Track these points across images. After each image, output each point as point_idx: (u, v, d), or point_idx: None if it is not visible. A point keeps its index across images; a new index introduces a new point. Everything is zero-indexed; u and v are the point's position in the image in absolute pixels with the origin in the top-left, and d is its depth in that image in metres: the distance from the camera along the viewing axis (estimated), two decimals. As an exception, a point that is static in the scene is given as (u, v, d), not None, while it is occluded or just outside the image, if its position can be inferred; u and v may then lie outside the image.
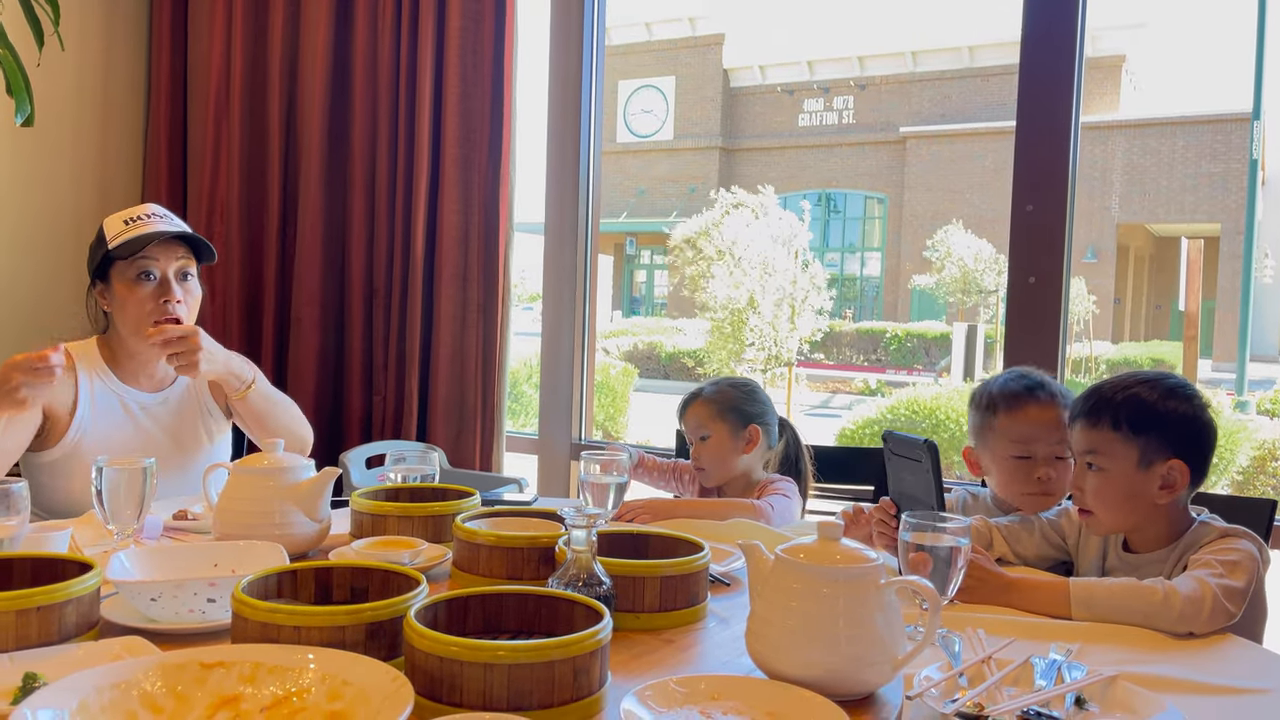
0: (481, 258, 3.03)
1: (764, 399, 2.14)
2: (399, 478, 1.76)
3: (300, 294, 3.21)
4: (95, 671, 0.89)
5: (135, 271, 1.90)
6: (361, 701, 0.89)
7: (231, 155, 3.28)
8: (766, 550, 1.10)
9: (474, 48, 2.99)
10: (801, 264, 13.87)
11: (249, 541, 1.33)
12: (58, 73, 3.19)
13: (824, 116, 21.88)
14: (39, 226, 3.28)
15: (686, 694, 0.97)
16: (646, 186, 22.54)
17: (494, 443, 3.06)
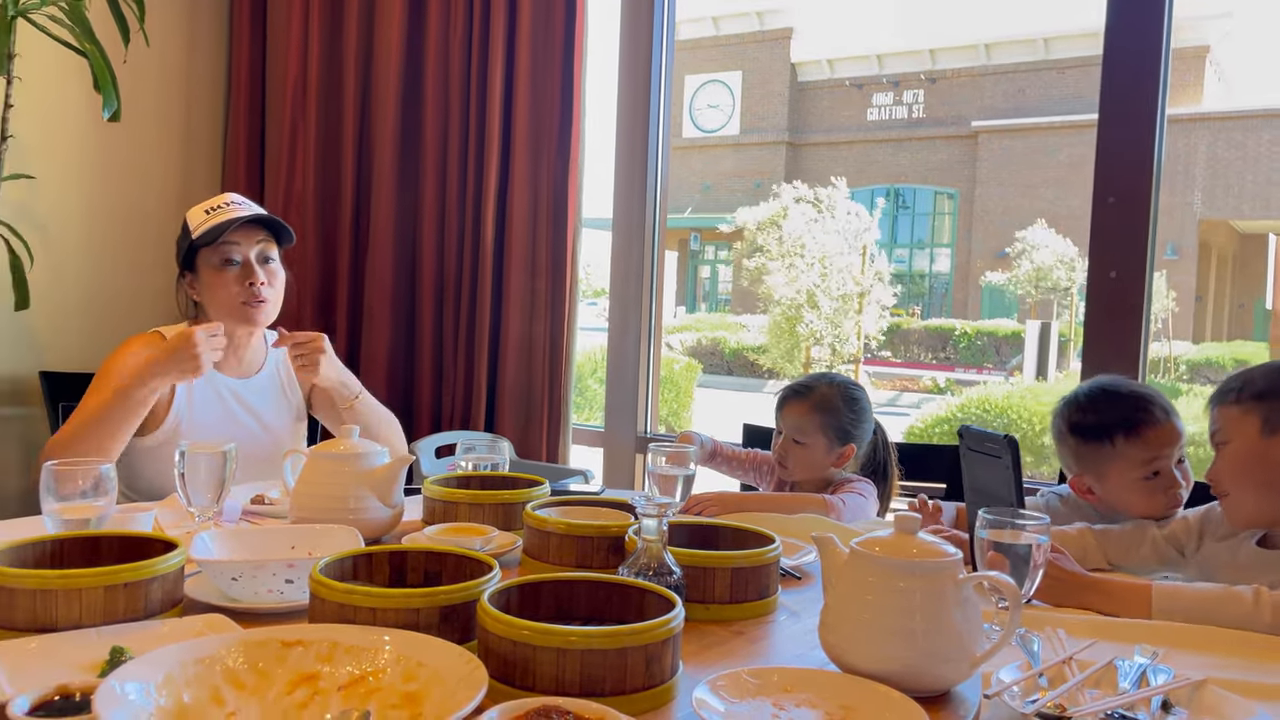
0: (549, 251, 3.04)
1: (869, 415, 2.09)
2: (469, 466, 1.78)
3: (372, 286, 3.26)
4: (180, 646, 0.92)
5: (219, 258, 1.96)
6: (436, 682, 0.89)
7: (307, 150, 3.35)
8: (840, 543, 1.09)
9: (544, 43, 3.01)
10: (868, 258, 13.70)
11: (325, 525, 1.35)
12: (142, 69, 3.29)
13: (893, 111, 21.57)
14: (125, 218, 3.38)
15: (759, 685, 0.96)
16: (712, 182, 22.47)
17: (560, 435, 3.08)
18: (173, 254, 2.84)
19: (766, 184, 20.99)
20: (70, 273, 3.25)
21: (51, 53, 2.88)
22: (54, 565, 1.12)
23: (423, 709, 0.87)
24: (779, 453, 2.09)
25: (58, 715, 0.82)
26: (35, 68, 2.92)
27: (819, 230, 14.13)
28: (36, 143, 3.09)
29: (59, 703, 0.84)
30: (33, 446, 3.17)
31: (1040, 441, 7.49)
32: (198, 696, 0.87)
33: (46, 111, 3.11)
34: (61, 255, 3.22)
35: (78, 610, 1.01)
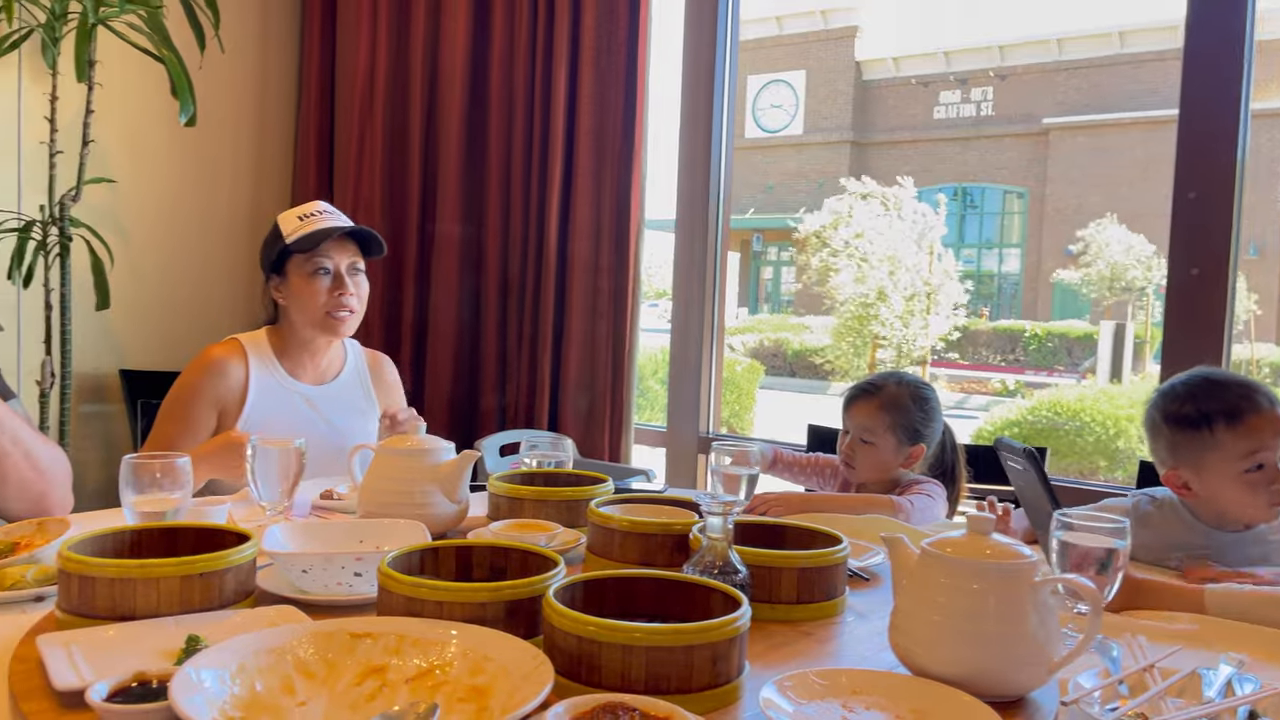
0: (612, 252, 3.05)
1: (938, 415, 2.04)
2: (534, 463, 1.78)
3: (438, 287, 3.30)
4: (253, 636, 0.93)
5: (312, 267, 1.99)
6: (502, 677, 0.89)
7: (375, 153, 3.40)
8: (911, 543, 1.07)
9: (608, 45, 3.01)
10: (935, 257, 13.48)
11: (393, 520, 1.37)
12: (217, 75, 3.37)
13: (960, 109, 21.20)
14: (200, 221, 3.47)
15: (827, 686, 0.94)
16: (775, 182, 22.33)
17: (622, 434, 3.08)
18: (245, 255, 2.92)
19: (831, 184, 20.80)
20: (148, 274, 3.35)
21: (130, 60, 2.97)
22: (133, 555, 1.15)
23: (489, 703, 0.87)
24: (846, 453, 2.05)
25: (136, 701, 0.84)
26: (115, 74, 3.02)
27: (886, 229, 13.95)
28: (116, 148, 3.19)
29: (137, 689, 0.86)
30: (113, 442, 3.27)
31: (1114, 445, 7.29)
32: (269, 685, 0.88)
33: (126, 117, 3.20)
34: (140, 257, 3.32)
35: (155, 599, 1.03)
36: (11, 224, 2.86)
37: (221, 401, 1.97)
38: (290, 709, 0.86)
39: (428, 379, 3.34)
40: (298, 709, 0.86)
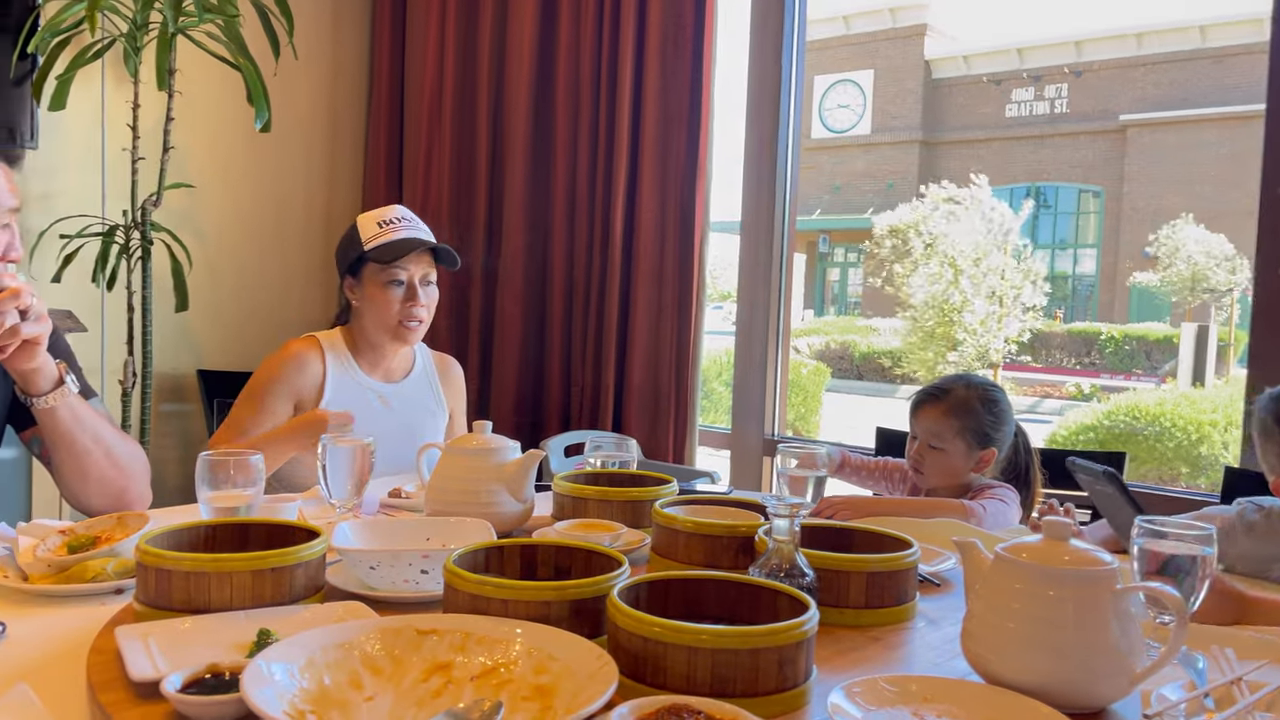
0: (677, 254, 3.04)
1: (1009, 418, 1.99)
2: (598, 463, 1.78)
3: (504, 290, 3.33)
4: (322, 631, 0.94)
5: (387, 277, 2.03)
6: (567, 676, 0.89)
7: (442, 157, 3.45)
8: (984, 548, 1.04)
9: (674, 47, 3.01)
10: (1014, 256, 13.19)
11: (459, 518, 1.38)
12: (290, 81, 3.45)
13: (1034, 106, 20.74)
14: (274, 224, 3.55)
15: (897, 693, 0.92)
16: (842, 183, 22.10)
17: (686, 436, 3.07)
18: (318, 258, 2.96)
19: (900, 184, 20.52)
20: (224, 276, 3.43)
21: (208, 68, 3.05)
22: (207, 550, 1.17)
23: (553, 702, 0.86)
24: (914, 459, 2.01)
25: (209, 693, 0.85)
26: (193, 82, 3.10)
27: (959, 230, 13.71)
28: (195, 153, 3.28)
29: (210, 681, 0.87)
30: (190, 440, 3.36)
31: (1196, 451, 7.06)
32: (337, 680, 0.89)
33: (204, 124, 3.29)
34: (217, 260, 3.40)
35: (228, 593, 1.05)
36: (96, 229, 2.96)
37: (299, 394, 2.02)
38: (358, 704, 0.87)
39: (494, 380, 3.37)
40: (365, 704, 0.87)
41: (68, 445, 1.47)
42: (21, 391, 1.44)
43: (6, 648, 1.05)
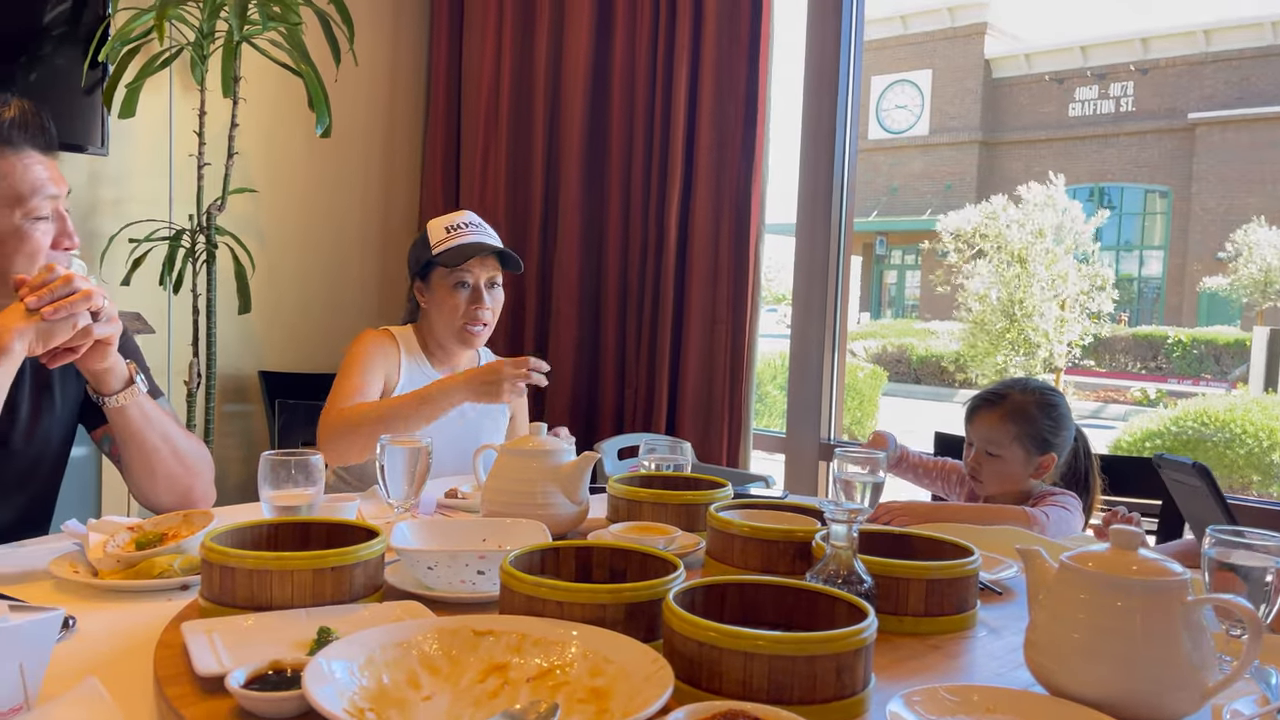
0: (732, 257, 3.03)
1: (1068, 422, 1.95)
2: (653, 466, 1.78)
3: (559, 291, 3.34)
4: (380, 630, 0.95)
5: (454, 280, 2.08)
6: (622, 679, 0.89)
7: (498, 161, 3.47)
8: (1049, 556, 1.01)
9: (729, 48, 3.00)
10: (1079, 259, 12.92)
11: (515, 519, 1.38)
12: (351, 87, 3.50)
13: (1098, 105, 20.31)
14: (334, 228, 3.61)
15: (958, 703, 0.90)
16: (899, 184, 21.85)
17: (740, 439, 3.05)
18: (376, 261, 2.97)
19: (959, 185, 20.23)
20: (286, 279, 3.49)
21: (270, 75, 3.11)
22: (269, 548, 1.19)
23: (609, 705, 0.86)
24: (971, 466, 1.98)
25: (271, 689, 0.87)
26: (256, 89, 3.17)
27: (1022, 232, 13.46)
28: (257, 159, 3.35)
29: (272, 677, 0.89)
30: (252, 440, 3.43)
31: (1269, 459, 6.85)
32: (396, 679, 0.90)
33: (266, 129, 3.36)
34: (278, 263, 3.47)
35: (289, 591, 1.07)
36: (163, 233, 3.03)
37: (386, 375, 2.07)
38: (416, 703, 0.87)
39: (548, 381, 3.38)
40: (423, 703, 0.87)
41: (137, 443, 1.50)
42: (93, 391, 1.48)
43: (77, 641, 1.07)
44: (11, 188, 1.37)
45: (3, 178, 1.37)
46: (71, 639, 1.07)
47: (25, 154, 1.39)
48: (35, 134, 1.41)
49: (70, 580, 1.25)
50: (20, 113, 1.39)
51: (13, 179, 1.37)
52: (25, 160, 1.39)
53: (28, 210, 1.38)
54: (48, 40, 2.86)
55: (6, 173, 1.37)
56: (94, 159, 3.01)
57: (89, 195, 3.04)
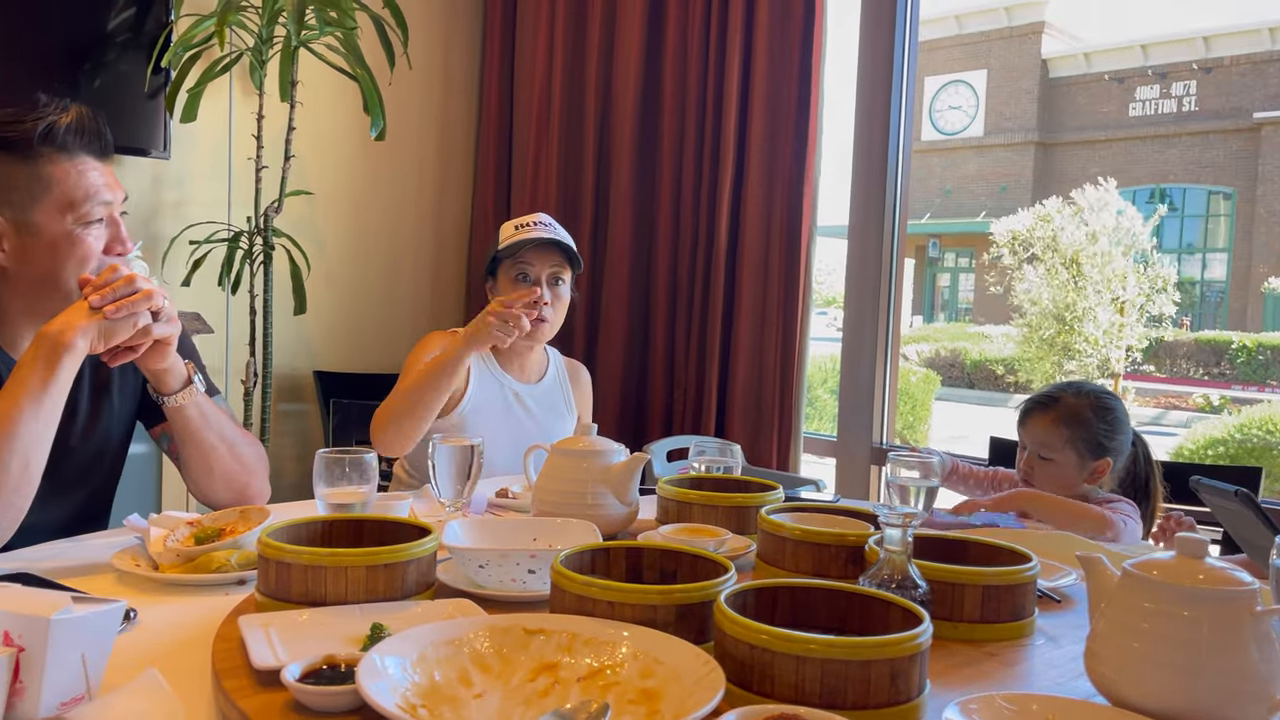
0: (783, 258, 3.01)
1: (1125, 426, 1.92)
2: (702, 467, 1.77)
3: (609, 292, 3.35)
4: (433, 627, 0.96)
5: (515, 272, 2.10)
6: (673, 681, 0.88)
7: (550, 162, 3.49)
8: (1110, 564, 0.99)
9: (782, 48, 2.98)
10: (1140, 263, 12.64)
11: (565, 519, 1.38)
12: (405, 91, 3.54)
13: (1160, 105, 19.85)
14: (388, 230, 3.65)
15: (1016, 712, 0.88)
16: (953, 185, 21.57)
17: (791, 442, 3.03)
18: (429, 263, 2.96)
19: (1014, 187, 19.92)
20: (340, 280, 3.54)
21: (326, 79, 3.16)
22: (324, 544, 1.20)
23: (659, 706, 0.86)
24: (1024, 470, 1.95)
25: (326, 683, 0.88)
26: (312, 93, 3.22)
27: (1082, 234, 13.20)
28: (313, 161, 3.40)
29: (327, 672, 0.90)
30: (307, 439, 3.48)
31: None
32: (447, 676, 0.90)
33: (322, 133, 3.41)
34: (333, 264, 3.52)
35: (343, 586, 1.08)
36: (222, 235, 3.09)
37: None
38: (467, 700, 0.88)
39: (597, 383, 3.38)
40: (474, 701, 0.88)
41: (195, 442, 1.53)
42: (153, 389, 1.51)
43: (137, 633, 1.09)
44: (65, 193, 1.39)
45: (56, 183, 1.39)
46: (132, 631, 1.10)
47: (79, 160, 1.41)
48: (91, 139, 1.43)
49: (132, 573, 1.28)
50: (77, 118, 1.41)
51: (66, 184, 1.39)
52: (79, 166, 1.41)
53: (80, 215, 1.40)
54: (112, 47, 2.93)
55: (60, 178, 1.39)
56: (156, 162, 3.08)
57: (151, 198, 3.11)
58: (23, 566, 1.28)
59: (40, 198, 1.38)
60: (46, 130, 1.38)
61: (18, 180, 1.38)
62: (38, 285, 1.42)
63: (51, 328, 1.31)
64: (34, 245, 1.39)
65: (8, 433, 1.23)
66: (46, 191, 1.38)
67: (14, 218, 1.38)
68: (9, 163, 1.38)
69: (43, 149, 1.38)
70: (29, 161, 1.38)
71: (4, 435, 1.23)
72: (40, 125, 1.38)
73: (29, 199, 1.38)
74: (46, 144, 1.38)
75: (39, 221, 1.39)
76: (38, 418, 1.27)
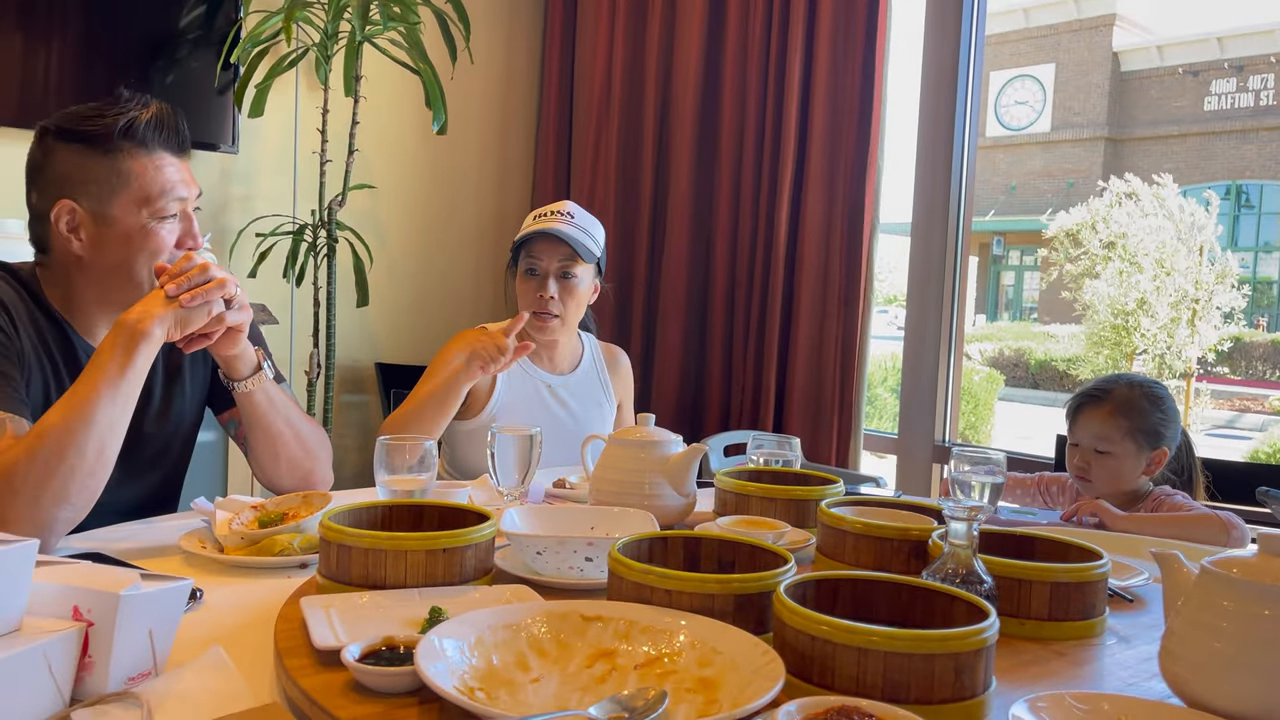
0: (844, 253, 2.97)
1: (1177, 415, 1.89)
2: (761, 460, 1.76)
3: (667, 287, 3.34)
4: (491, 611, 0.96)
5: (525, 266, 2.09)
6: (732, 670, 0.87)
7: (609, 156, 3.49)
8: (1187, 561, 0.95)
9: (844, 43, 2.94)
10: (1207, 260, 12.27)
11: (623, 509, 1.38)
12: (466, 85, 3.57)
13: (1236, 99, 19.22)
14: (449, 223, 3.69)
15: (1087, 711, 0.85)
16: (1018, 182, 21.15)
17: (850, 439, 2.99)
18: (490, 256, 2.95)
19: (1082, 183, 19.47)
20: (402, 273, 3.58)
21: (389, 73, 3.20)
22: (384, 529, 1.21)
23: (718, 695, 0.85)
24: (1079, 466, 1.90)
25: (385, 664, 0.88)
26: (376, 88, 3.25)
27: (1142, 229, 12.86)
28: (376, 156, 3.44)
29: (386, 653, 0.90)
30: (368, 429, 3.52)
31: None
32: (505, 660, 0.90)
33: (385, 127, 3.45)
34: (395, 257, 3.56)
35: (403, 570, 1.08)
36: (287, 228, 3.15)
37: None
38: (524, 684, 0.87)
39: (655, 377, 3.38)
40: (531, 685, 0.87)
41: (263, 427, 1.56)
42: (224, 375, 1.54)
43: (203, 613, 1.11)
44: (141, 188, 1.42)
45: (135, 177, 1.42)
46: (198, 610, 1.12)
47: (157, 155, 1.44)
48: (169, 136, 1.46)
49: (198, 555, 1.30)
50: (156, 114, 1.45)
51: (144, 179, 1.43)
52: (157, 161, 1.44)
53: (155, 210, 1.43)
54: (183, 44, 3.00)
55: (138, 173, 1.42)
56: (225, 157, 3.14)
57: (220, 192, 3.17)
58: (96, 546, 1.31)
59: (118, 191, 1.42)
60: (127, 125, 1.41)
61: (97, 173, 1.41)
62: (110, 275, 1.45)
63: (130, 316, 1.34)
64: (109, 236, 1.43)
65: (86, 417, 1.26)
66: (125, 185, 1.42)
67: (92, 209, 1.42)
68: (90, 155, 1.41)
69: (123, 143, 1.42)
70: (109, 155, 1.41)
71: (82, 420, 1.26)
72: (121, 120, 1.41)
73: (107, 191, 1.41)
74: (126, 139, 1.42)
75: (115, 214, 1.42)
76: (115, 403, 1.30)
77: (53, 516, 1.25)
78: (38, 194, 1.44)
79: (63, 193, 1.42)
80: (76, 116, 1.42)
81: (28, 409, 1.36)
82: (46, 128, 1.44)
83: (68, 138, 1.42)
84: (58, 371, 1.46)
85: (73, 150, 1.41)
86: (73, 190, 1.41)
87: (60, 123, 1.43)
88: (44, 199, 1.43)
